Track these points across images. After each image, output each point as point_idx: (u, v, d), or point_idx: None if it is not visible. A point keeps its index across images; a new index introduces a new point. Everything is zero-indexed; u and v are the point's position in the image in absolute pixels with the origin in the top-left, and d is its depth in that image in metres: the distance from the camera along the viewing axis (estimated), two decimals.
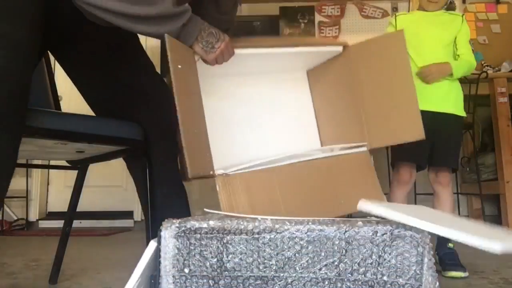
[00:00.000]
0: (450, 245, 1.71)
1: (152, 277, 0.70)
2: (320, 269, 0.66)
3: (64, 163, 1.54)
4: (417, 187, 3.31)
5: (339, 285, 0.66)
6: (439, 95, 1.81)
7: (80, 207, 1.57)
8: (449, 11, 1.94)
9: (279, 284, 0.66)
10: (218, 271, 0.67)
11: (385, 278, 0.65)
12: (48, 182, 4.00)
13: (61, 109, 1.56)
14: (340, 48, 1.32)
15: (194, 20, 1.05)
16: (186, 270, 0.67)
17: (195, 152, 0.95)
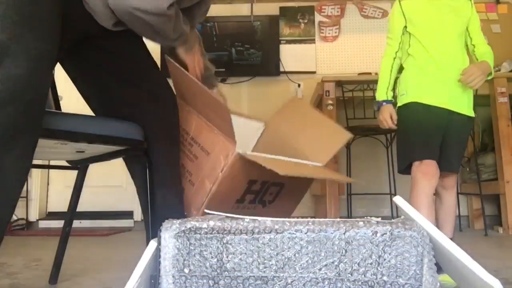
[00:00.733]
0: None
1: (152, 277, 0.70)
2: (320, 269, 0.66)
3: (64, 163, 1.54)
4: None
5: (339, 285, 0.66)
6: (456, 94, 1.72)
7: (80, 207, 1.57)
8: None
9: (279, 284, 0.66)
10: (218, 271, 0.67)
11: (385, 278, 0.65)
12: (48, 182, 4.00)
13: (61, 109, 1.56)
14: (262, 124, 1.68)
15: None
16: (186, 270, 0.67)
17: None
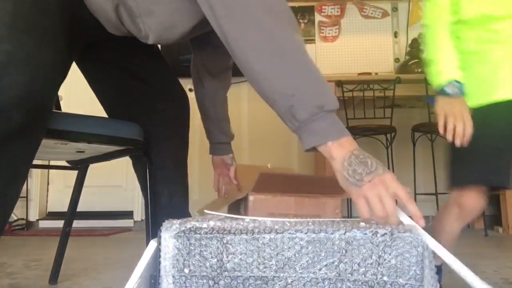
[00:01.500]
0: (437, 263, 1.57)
1: (152, 277, 0.70)
2: (320, 269, 0.66)
3: (64, 163, 1.54)
4: (417, 187, 3.31)
5: (339, 285, 0.66)
6: None
7: (80, 207, 1.57)
8: None
9: (279, 284, 0.66)
10: (218, 271, 0.67)
11: (385, 278, 0.65)
12: (48, 182, 4.01)
13: (61, 109, 1.56)
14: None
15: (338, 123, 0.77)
16: (186, 270, 0.67)
17: None
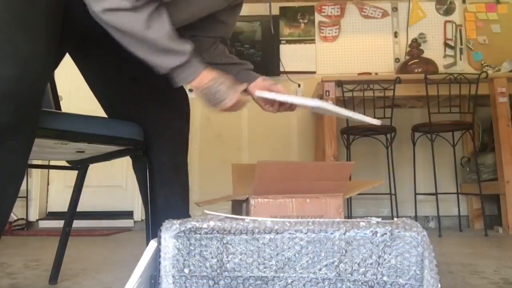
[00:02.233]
0: None
1: (152, 277, 0.70)
2: (320, 269, 0.66)
3: (64, 163, 1.54)
4: (417, 187, 3.31)
5: (339, 285, 0.66)
6: None
7: (80, 207, 1.57)
8: None
9: (279, 284, 0.66)
10: (218, 272, 0.67)
11: (385, 278, 0.65)
12: (48, 182, 4.01)
13: (61, 109, 1.56)
14: None
15: (194, 67, 1.01)
16: (186, 270, 0.67)
17: None
